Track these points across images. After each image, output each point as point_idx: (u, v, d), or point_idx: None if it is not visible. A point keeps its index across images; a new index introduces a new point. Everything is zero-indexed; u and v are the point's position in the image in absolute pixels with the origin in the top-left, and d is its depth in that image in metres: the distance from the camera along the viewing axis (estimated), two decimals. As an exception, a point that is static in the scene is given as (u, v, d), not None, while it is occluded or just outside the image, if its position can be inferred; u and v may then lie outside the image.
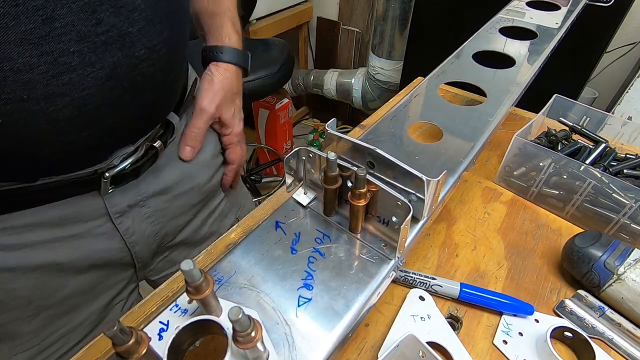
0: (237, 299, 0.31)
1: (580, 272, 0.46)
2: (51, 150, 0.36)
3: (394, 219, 0.33)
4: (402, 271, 0.46)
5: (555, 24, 0.64)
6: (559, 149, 0.62)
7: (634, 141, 0.66)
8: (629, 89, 1.23)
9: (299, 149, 0.37)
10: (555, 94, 0.66)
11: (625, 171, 0.57)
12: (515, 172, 0.59)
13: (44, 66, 0.30)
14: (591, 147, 0.60)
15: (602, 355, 0.40)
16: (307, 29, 2.15)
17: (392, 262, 0.34)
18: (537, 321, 0.43)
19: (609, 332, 0.43)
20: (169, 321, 0.29)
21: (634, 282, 0.42)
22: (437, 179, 0.32)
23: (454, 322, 0.44)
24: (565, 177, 0.54)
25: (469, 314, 0.44)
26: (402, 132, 0.43)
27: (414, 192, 0.34)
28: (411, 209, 0.30)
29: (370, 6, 1.92)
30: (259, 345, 0.25)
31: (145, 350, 0.23)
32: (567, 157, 0.53)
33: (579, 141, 0.62)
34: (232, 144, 0.59)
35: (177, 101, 0.49)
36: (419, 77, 0.80)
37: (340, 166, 0.34)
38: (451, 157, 0.41)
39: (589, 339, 0.40)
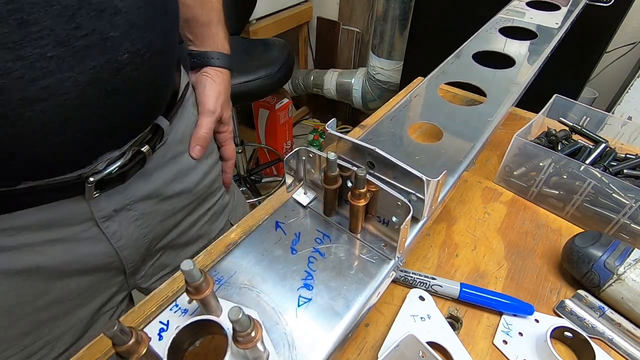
0: (237, 299, 0.31)
1: (580, 272, 0.46)
2: (30, 155, 0.35)
3: (394, 219, 0.33)
4: (402, 271, 0.46)
5: (555, 24, 0.64)
6: (559, 149, 0.62)
7: (634, 141, 0.66)
8: (629, 89, 1.23)
9: (299, 149, 0.37)
10: (555, 94, 0.66)
11: (625, 171, 0.57)
12: (515, 172, 0.59)
13: (20, 71, 0.29)
14: (591, 147, 0.60)
15: (602, 355, 0.40)
16: (307, 29, 2.15)
17: (392, 262, 0.34)
18: (537, 321, 0.43)
19: (609, 332, 0.43)
20: (169, 321, 0.29)
21: (634, 282, 0.42)
22: (437, 179, 0.32)
23: (454, 322, 0.44)
24: (565, 177, 0.54)
25: (469, 314, 0.44)
26: (402, 132, 0.43)
27: (414, 192, 0.34)
28: (411, 209, 0.30)
29: (370, 6, 1.92)
30: (259, 345, 0.25)
31: (145, 350, 0.23)
32: (567, 157, 0.53)
33: (579, 141, 0.62)
34: (228, 140, 0.63)
35: (166, 105, 0.48)
36: (419, 77, 0.80)
37: (340, 166, 0.34)
38: (451, 157, 0.41)
39: (589, 339, 0.40)
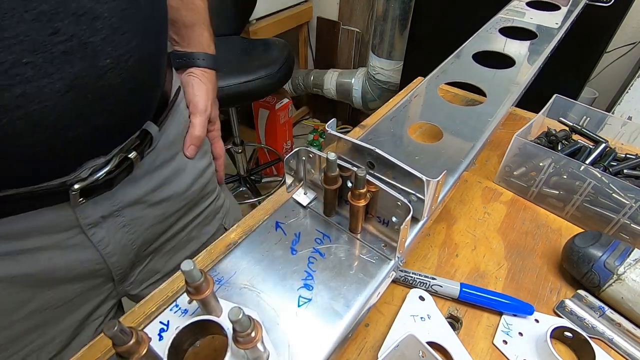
0: (237, 299, 0.31)
1: (580, 272, 0.46)
2: (9, 163, 0.34)
3: (394, 219, 0.33)
4: (402, 271, 0.46)
5: (555, 24, 0.64)
6: (559, 149, 0.62)
7: (634, 141, 0.66)
8: (629, 89, 1.23)
9: (299, 149, 0.37)
10: (555, 94, 0.66)
11: (625, 171, 0.57)
12: (515, 172, 0.59)
13: None
14: (591, 147, 0.60)
15: (602, 355, 0.40)
16: (307, 29, 2.15)
17: (392, 262, 0.34)
18: (537, 321, 0.43)
19: (609, 332, 0.43)
20: (169, 321, 0.29)
21: (634, 282, 0.42)
22: (437, 179, 0.32)
23: (454, 322, 0.44)
24: (565, 177, 0.54)
25: (469, 314, 0.44)
26: (402, 132, 0.43)
27: (414, 192, 0.34)
28: (411, 209, 0.31)
29: (370, 6, 1.92)
30: (259, 345, 0.25)
31: (145, 350, 0.23)
32: (567, 157, 0.53)
33: (579, 141, 0.62)
34: (216, 138, 0.63)
35: (156, 109, 0.47)
36: (419, 77, 0.80)
37: (340, 166, 0.34)
38: (451, 157, 0.41)
39: (589, 339, 0.40)
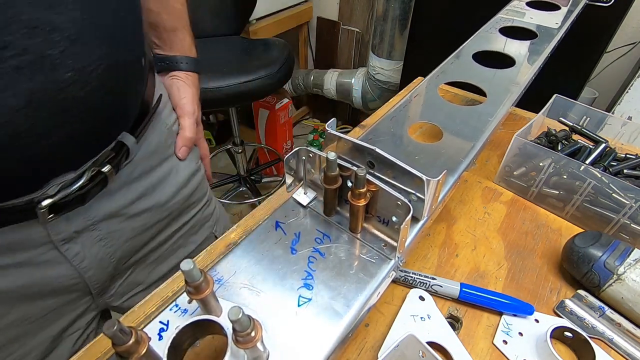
0: (237, 299, 0.31)
1: (580, 272, 0.46)
2: None
3: (394, 218, 0.33)
4: (402, 271, 0.46)
5: (555, 24, 0.64)
6: (559, 149, 0.62)
7: (634, 141, 0.66)
8: (629, 89, 1.23)
9: (299, 149, 0.37)
10: (555, 94, 0.66)
11: (625, 171, 0.57)
12: (515, 172, 0.59)
13: None
14: (591, 147, 0.60)
15: (602, 355, 0.40)
16: (307, 29, 2.15)
17: (392, 262, 0.34)
18: (537, 321, 0.43)
19: (609, 332, 0.43)
20: (168, 321, 0.29)
21: (634, 282, 0.42)
22: (437, 179, 0.32)
23: (454, 322, 0.44)
24: (565, 177, 0.54)
25: (469, 314, 0.44)
26: (402, 132, 0.43)
27: (414, 192, 0.34)
28: (411, 208, 0.30)
29: (370, 6, 1.92)
30: (258, 345, 0.25)
31: (145, 350, 0.23)
32: (567, 157, 0.53)
33: (579, 141, 0.62)
34: (201, 139, 0.63)
35: (134, 119, 0.45)
36: (419, 77, 0.80)
37: (340, 166, 0.34)
38: (451, 157, 0.41)
39: (589, 339, 0.40)
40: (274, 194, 0.57)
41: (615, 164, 0.57)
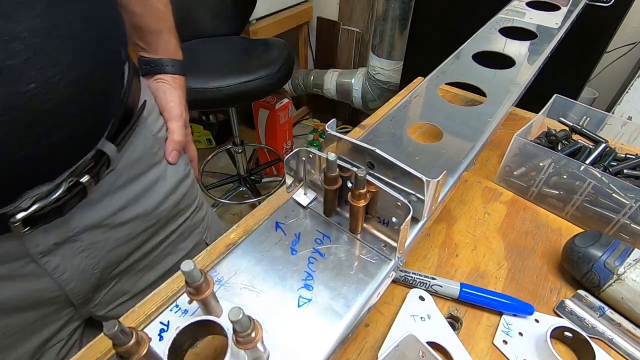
0: (237, 300, 0.31)
1: (580, 272, 0.46)
2: None
3: (394, 219, 0.33)
4: (402, 271, 0.46)
5: (555, 24, 0.64)
6: (559, 149, 0.62)
7: (634, 141, 0.66)
8: (629, 89, 1.23)
9: (299, 149, 0.37)
10: (555, 94, 0.66)
11: (625, 171, 0.57)
12: (515, 172, 0.59)
13: None
14: (591, 147, 0.60)
15: (602, 355, 0.40)
16: (307, 29, 2.15)
17: (392, 262, 0.34)
18: (537, 321, 0.43)
19: (609, 332, 0.43)
20: (169, 321, 0.29)
21: (634, 282, 0.42)
22: (437, 180, 0.32)
23: (454, 322, 0.44)
24: (565, 177, 0.54)
25: (469, 314, 0.44)
26: (402, 133, 0.43)
27: (414, 192, 0.34)
28: (411, 209, 0.31)
29: (370, 6, 1.92)
30: (259, 345, 0.25)
31: (145, 350, 0.23)
32: (567, 157, 0.53)
33: (579, 141, 0.62)
34: (189, 142, 0.62)
35: (116, 127, 0.43)
36: (419, 77, 0.80)
37: (340, 167, 0.34)
38: (451, 157, 0.41)
39: (589, 339, 0.40)
40: (274, 194, 0.57)
41: (615, 164, 0.57)
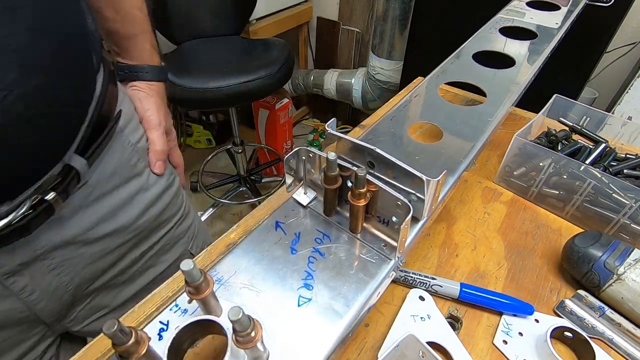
0: (237, 299, 0.31)
1: (580, 272, 0.46)
2: None
3: (394, 219, 0.33)
4: (402, 271, 0.46)
5: (555, 24, 0.64)
6: (559, 149, 0.62)
7: (634, 141, 0.66)
8: (629, 89, 1.23)
9: (299, 149, 0.37)
10: (555, 94, 0.66)
11: (625, 171, 0.57)
12: (515, 172, 0.59)
13: None
14: (591, 147, 0.60)
15: (602, 355, 0.40)
16: (307, 29, 2.15)
17: (392, 262, 0.34)
18: (537, 321, 0.43)
19: (609, 332, 0.43)
20: (168, 321, 0.29)
21: (634, 282, 0.42)
22: (437, 179, 0.32)
23: (454, 322, 0.44)
24: (565, 177, 0.54)
25: (469, 314, 0.44)
26: (402, 132, 0.43)
27: (414, 192, 0.34)
28: (411, 208, 0.30)
29: (370, 6, 1.92)
30: (258, 345, 0.25)
31: (145, 350, 0.23)
32: (567, 157, 0.53)
33: (579, 141, 0.62)
34: (173, 148, 0.60)
35: (85, 141, 0.41)
36: (419, 77, 0.80)
37: (340, 166, 0.34)
38: (451, 157, 0.41)
39: (589, 339, 0.40)
40: (274, 194, 0.57)
41: (615, 164, 0.57)
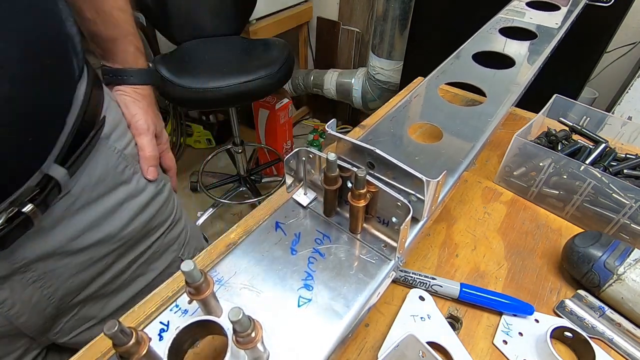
0: (237, 300, 0.31)
1: (580, 272, 0.46)
2: None
3: (394, 219, 0.33)
4: (402, 271, 0.46)
5: (555, 24, 0.64)
6: (559, 149, 0.62)
7: (634, 141, 0.66)
8: (629, 89, 1.23)
9: (299, 149, 0.37)
10: (555, 94, 0.66)
11: (625, 171, 0.57)
12: (515, 172, 0.59)
13: None
14: (591, 147, 0.60)
15: (602, 355, 0.40)
16: (307, 29, 2.15)
17: (392, 262, 0.34)
18: (537, 321, 0.43)
19: (609, 332, 0.43)
20: (169, 321, 0.29)
21: (634, 282, 0.42)
22: (437, 180, 0.32)
23: (454, 322, 0.44)
24: (565, 177, 0.54)
25: (469, 314, 0.44)
26: (402, 133, 0.43)
27: (414, 192, 0.34)
28: (411, 209, 0.31)
29: (370, 6, 1.92)
30: (259, 345, 0.25)
31: (145, 350, 0.23)
32: (567, 157, 0.53)
33: (579, 141, 0.62)
34: (164, 152, 0.59)
35: (65, 149, 0.39)
36: (419, 77, 0.80)
37: (340, 167, 0.34)
38: (451, 158, 0.41)
39: (589, 339, 0.40)
40: (274, 194, 0.57)
41: (615, 164, 0.57)
